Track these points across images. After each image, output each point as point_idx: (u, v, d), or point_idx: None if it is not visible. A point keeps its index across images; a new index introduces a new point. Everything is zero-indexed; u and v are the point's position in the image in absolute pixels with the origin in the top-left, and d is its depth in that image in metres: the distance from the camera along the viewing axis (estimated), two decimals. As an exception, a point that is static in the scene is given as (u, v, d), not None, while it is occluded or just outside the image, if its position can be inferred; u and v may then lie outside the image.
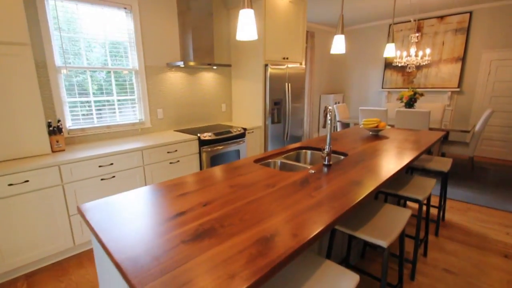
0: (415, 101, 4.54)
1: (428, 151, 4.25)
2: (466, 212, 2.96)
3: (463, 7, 4.91)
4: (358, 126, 3.40)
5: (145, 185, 2.69)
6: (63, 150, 2.42)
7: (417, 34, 4.36)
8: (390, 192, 1.92)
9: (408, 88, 4.95)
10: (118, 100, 3.01)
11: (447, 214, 2.93)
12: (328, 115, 1.74)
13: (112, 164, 2.41)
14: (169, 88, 3.36)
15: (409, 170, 2.73)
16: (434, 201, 3.20)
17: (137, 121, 3.15)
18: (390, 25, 5.87)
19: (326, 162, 1.74)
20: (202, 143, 3.09)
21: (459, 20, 5.00)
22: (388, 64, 6.02)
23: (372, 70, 6.33)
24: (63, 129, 2.55)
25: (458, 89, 5.14)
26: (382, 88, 6.17)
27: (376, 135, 2.79)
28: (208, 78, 3.76)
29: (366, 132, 2.91)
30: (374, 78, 6.34)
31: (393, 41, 2.66)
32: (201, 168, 3.13)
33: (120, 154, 2.46)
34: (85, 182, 2.28)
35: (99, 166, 2.34)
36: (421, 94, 4.50)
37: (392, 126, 4.36)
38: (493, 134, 4.95)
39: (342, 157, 2.10)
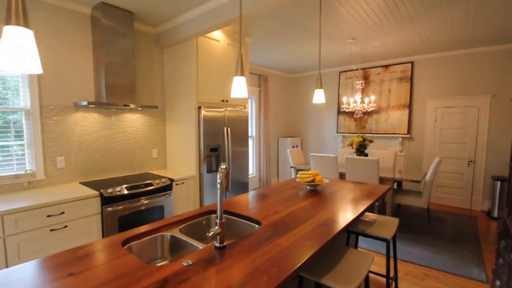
0: (365, 148, 4.35)
1: (382, 202, 3.93)
2: (422, 280, 2.52)
3: (405, 57, 5.10)
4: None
5: (6, 266, 1.96)
6: None
7: (361, 81, 4.34)
8: (308, 277, 1.42)
9: (356, 133, 4.81)
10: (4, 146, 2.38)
11: (402, 284, 2.47)
12: (218, 176, 1.28)
13: None
14: (77, 132, 2.80)
15: (348, 234, 2.30)
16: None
17: (23, 172, 2.49)
18: (340, 72, 5.98)
19: (217, 244, 1.23)
20: (106, 200, 2.47)
21: (403, 69, 5.16)
22: (342, 110, 6.00)
23: (327, 115, 6.27)
24: None
25: (408, 135, 5.11)
26: (337, 132, 6.06)
27: (314, 190, 2.38)
28: (134, 120, 3.27)
29: (303, 186, 2.49)
30: (329, 123, 6.25)
31: (321, 87, 2.41)
32: (103, 234, 2.46)
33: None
34: None
35: None
36: (370, 141, 4.34)
37: (343, 173, 4.06)
38: (446, 181, 4.83)
39: (256, 226, 1.61)
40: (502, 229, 2.03)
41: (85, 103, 2.56)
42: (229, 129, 3.53)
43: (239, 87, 1.61)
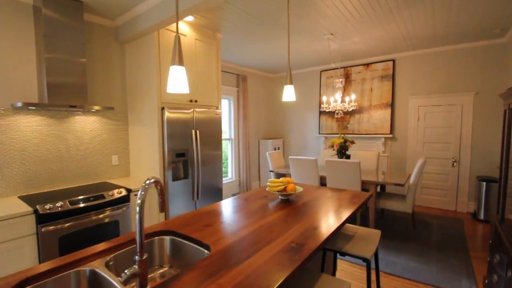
0: (346, 149, 4.12)
1: (365, 207, 3.71)
2: (408, 296, 2.28)
3: (386, 55, 4.94)
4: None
5: None
6: None
7: (341, 80, 4.12)
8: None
9: (338, 134, 4.56)
10: None
11: (386, 301, 2.22)
12: (139, 195, 0.98)
13: None
14: (16, 138, 2.41)
15: (324, 252, 2.03)
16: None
17: None
18: (321, 71, 5.77)
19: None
20: (43, 218, 2.10)
21: (384, 68, 4.99)
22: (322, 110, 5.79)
23: (309, 115, 6.04)
24: None
25: (391, 135, 4.93)
26: (319, 133, 5.84)
27: (287, 200, 2.10)
28: (89, 123, 2.90)
29: (275, 196, 2.21)
30: (311, 123, 6.03)
31: (291, 83, 2.14)
32: (40, 259, 2.09)
33: None
34: None
35: None
36: (352, 142, 4.12)
37: (324, 177, 3.82)
38: (431, 182, 4.68)
39: (206, 252, 1.31)
40: (494, 240, 1.81)
41: (20, 104, 2.19)
42: (198, 131, 3.21)
43: (177, 80, 1.31)
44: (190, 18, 3.04)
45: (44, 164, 2.59)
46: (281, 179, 2.16)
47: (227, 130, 5.41)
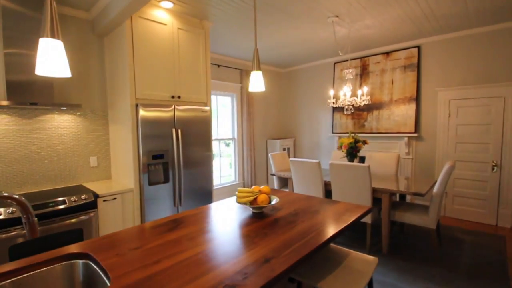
0: (358, 150, 3.57)
1: (378, 217, 3.14)
2: None
3: (409, 41, 4.26)
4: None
5: None
6: None
7: (350, 70, 3.57)
8: None
9: (348, 133, 3.89)
10: None
11: None
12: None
13: None
14: (-23, 138, 2.28)
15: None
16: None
17: None
18: (334, 63, 5.20)
19: None
20: (-10, 225, 1.92)
21: (407, 56, 4.32)
22: (338, 107, 5.22)
23: (321, 112, 5.50)
24: None
25: (415, 134, 4.25)
26: (333, 132, 5.28)
27: (259, 213, 1.70)
28: (62, 122, 2.73)
29: (246, 209, 1.81)
30: (324, 122, 5.48)
31: (258, 69, 1.73)
32: (-17, 268, 1.90)
33: None
34: None
35: None
36: (364, 142, 3.56)
37: (329, 183, 3.32)
38: (465, 189, 3.93)
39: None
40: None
41: (-29, 101, 2.03)
42: (180, 131, 2.91)
43: (50, 59, 0.97)
44: (168, 5, 2.75)
45: (12, 165, 2.45)
46: (252, 187, 1.77)
47: (230, 129, 5.08)
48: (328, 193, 3.51)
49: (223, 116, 4.98)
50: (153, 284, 0.94)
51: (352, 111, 3.71)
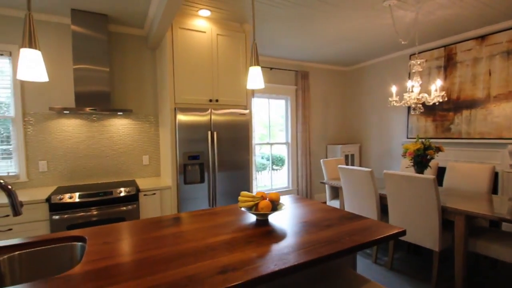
0: (428, 160, 2.87)
1: (452, 246, 2.38)
2: None
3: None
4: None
5: None
6: None
7: (419, 61, 2.91)
8: None
9: (420, 139, 2.97)
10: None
11: None
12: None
13: None
14: (60, 137, 2.89)
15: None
16: None
17: (5, 174, 2.70)
18: (411, 55, 4.38)
19: None
20: (54, 207, 2.37)
21: (511, 38, 3.25)
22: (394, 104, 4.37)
23: (394, 114, 4.72)
24: None
25: (525, 141, 3.13)
26: (408, 138, 4.44)
27: (264, 221, 1.56)
28: (122, 125, 3.18)
29: (249, 217, 1.68)
30: (397, 125, 4.67)
31: (257, 64, 1.55)
32: (46, 241, 2.36)
33: None
34: None
35: None
36: (438, 149, 2.84)
37: (384, 196, 2.80)
38: None
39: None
40: None
41: (54, 108, 2.58)
42: (215, 134, 2.97)
43: (29, 67, 1.10)
44: (206, 13, 2.86)
45: (82, 160, 3.00)
46: (256, 192, 1.63)
47: (284, 133, 4.91)
48: (384, 208, 2.95)
49: (275, 119, 4.87)
50: (106, 273, 0.96)
51: (421, 111, 2.98)
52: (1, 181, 1.13)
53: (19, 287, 0.89)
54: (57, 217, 2.37)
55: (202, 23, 2.92)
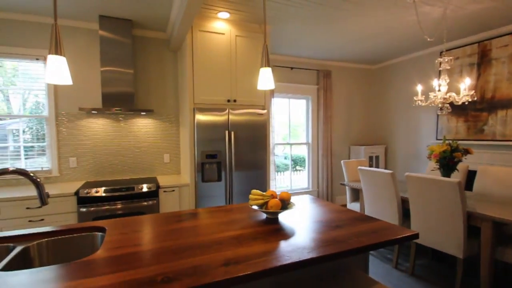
0: (456, 163, 2.71)
1: (478, 253, 2.20)
2: None
3: (560, 7, 2.91)
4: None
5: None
6: None
7: (447, 58, 2.74)
8: None
9: (446, 140, 2.76)
10: (28, 147, 2.92)
11: None
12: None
13: None
14: (88, 135, 3.08)
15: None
16: None
17: (40, 169, 2.94)
18: (440, 52, 4.14)
19: None
20: (81, 200, 2.54)
21: (556, 29, 2.96)
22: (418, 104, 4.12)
23: (423, 114, 4.49)
24: None
25: None
26: (437, 139, 4.20)
27: (273, 219, 1.57)
28: (145, 125, 3.33)
29: (260, 215, 1.69)
30: (426, 126, 4.44)
31: (267, 65, 1.56)
32: (75, 232, 2.53)
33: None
34: None
35: None
36: (466, 151, 2.67)
37: (406, 199, 2.68)
38: None
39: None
40: None
41: (81, 108, 2.77)
42: (233, 133, 3.01)
43: (55, 71, 1.20)
44: (225, 15, 2.92)
45: (108, 157, 3.18)
46: (267, 191, 1.65)
47: (304, 133, 4.85)
48: (406, 212, 2.82)
49: (296, 119, 4.83)
50: (121, 260, 1.03)
51: (449, 111, 2.80)
52: (31, 174, 1.25)
53: (46, 268, 0.98)
54: (84, 209, 2.54)
55: (221, 25, 2.98)
